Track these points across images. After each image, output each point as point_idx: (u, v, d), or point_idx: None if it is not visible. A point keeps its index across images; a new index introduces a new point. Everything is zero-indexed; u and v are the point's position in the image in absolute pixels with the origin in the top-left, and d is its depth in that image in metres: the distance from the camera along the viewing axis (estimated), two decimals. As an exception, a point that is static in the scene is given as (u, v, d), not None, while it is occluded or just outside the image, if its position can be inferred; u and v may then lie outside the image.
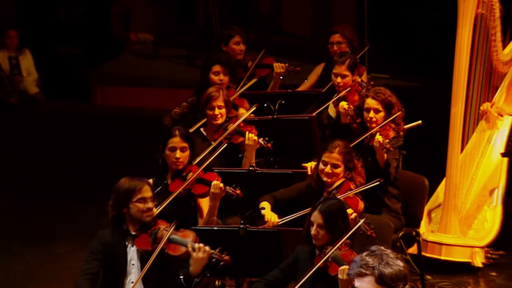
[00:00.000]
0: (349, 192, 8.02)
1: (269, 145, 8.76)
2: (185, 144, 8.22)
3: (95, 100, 15.57)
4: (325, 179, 8.16)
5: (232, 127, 8.90)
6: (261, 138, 8.74)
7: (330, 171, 8.12)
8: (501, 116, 10.13)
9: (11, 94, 15.39)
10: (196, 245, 7.08)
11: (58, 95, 15.64)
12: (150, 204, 7.19)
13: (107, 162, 7.33)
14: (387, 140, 8.72)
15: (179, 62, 15.35)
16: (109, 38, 16.59)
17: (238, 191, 8.05)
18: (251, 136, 8.79)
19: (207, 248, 7.08)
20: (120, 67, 16.01)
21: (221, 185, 7.95)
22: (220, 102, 9.08)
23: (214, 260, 7.10)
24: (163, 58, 15.76)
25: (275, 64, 10.58)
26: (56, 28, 16.52)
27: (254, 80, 9.25)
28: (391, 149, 8.76)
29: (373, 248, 5.73)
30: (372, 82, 10.17)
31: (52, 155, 13.27)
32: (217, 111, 9.05)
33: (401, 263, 5.63)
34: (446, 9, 10.24)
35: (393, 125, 8.99)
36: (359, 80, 10.03)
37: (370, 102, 9.06)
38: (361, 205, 8.01)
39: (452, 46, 9.90)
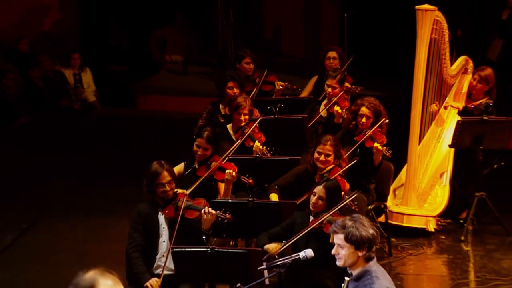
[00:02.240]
0: (336, 174, 8.07)
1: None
2: (208, 146, 8.23)
3: (138, 106, 15.53)
4: (319, 165, 8.21)
5: (248, 131, 8.83)
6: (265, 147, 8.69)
7: (324, 159, 8.19)
8: (446, 108, 10.06)
9: (75, 102, 15.35)
10: (206, 209, 7.15)
11: (110, 102, 15.63)
12: (167, 187, 7.24)
13: (147, 152, 7.31)
14: (385, 148, 8.78)
15: (203, 77, 15.34)
16: (149, 59, 16.52)
17: (250, 180, 8.14)
18: (257, 145, 8.75)
19: (213, 211, 7.16)
20: (158, 81, 15.96)
21: (234, 173, 8.01)
22: (246, 110, 9.06)
23: (220, 219, 7.18)
24: (191, 74, 15.72)
25: (276, 83, 10.54)
26: (108, 51, 16.45)
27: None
28: (389, 156, 8.82)
29: (354, 215, 5.73)
30: (358, 89, 10.31)
31: (105, 148, 13.20)
32: (242, 117, 9.01)
33: (370, 231, 5.62)
34: (408, 35, 10.10)
35: (379, 129, 9.00)
36: (349, 86, 10.14)
37: (365, 110, 9.06)
38: (347, 186, 8.07)
39: (412, 63, 9.83)
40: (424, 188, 10.05)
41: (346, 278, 5.70)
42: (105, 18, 16.62)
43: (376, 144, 8.77)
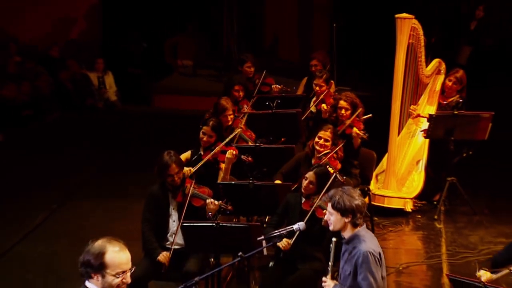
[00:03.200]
0: (331, 153, 8.18)
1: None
2: (213, 133, 8.21)
3: (154, 104, 15.49)
4: (318, 148, 8.27)
5: (237, 130, 8.76)
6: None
7: (323, 143, 8.26)
8: (422, 117, 10.04)
9: (98, 101, 15.35)
10: (211, 200, 7.12)
11: (129, 101, 15.59)
12: (175, 177, 7.16)
13: (161, 144, 7.35)
14: (362, 132, 8.82)
15: (210, 79, 15.34)
16: (163, 63, 16.54)
17: (250, 158, 8.19)
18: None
19: (216, 202, 7.12)
20: (171, 82, 15.95)
21: (234, 152, 8.01)
22: (230, 111, 8.98)
23: (222, 209, 7.17)
24: (199, 76, 15.72)
25: (273, 86, 10.54)
26: (128, 56, 16.44)
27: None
28: (366, 138, 8.83)
29: (345, 187, 5.74)
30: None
31: (124, 140, 13.23)
32: (228, 118, 8.94)
33: (355, 201, 5.63)
34: (388, 41, 10.10)
35: (357, 118, 8.99)
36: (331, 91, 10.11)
37: (343, 103, 9.09)
38: (339, 165, 8.17)
39: (392, 66, 9.83)
40: (402, 174, 10.02)
41: (333, 239, 5.73)
42: (125, 28, 16.60)
43: (354, 129, 8.79)
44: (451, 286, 7.35)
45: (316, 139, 8.26)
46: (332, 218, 5.66)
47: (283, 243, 6.91)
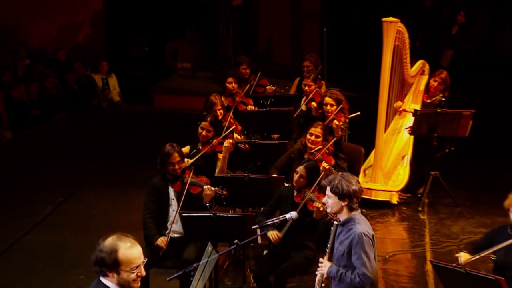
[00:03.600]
0: (323, 149, 8.18)
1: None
2: (211, 128, 8.21)
3: (155, 104, 15.41)
4: (309, 145, 8.25)
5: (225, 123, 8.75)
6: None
7: (314, 140, 8.23)
8: (407, 111, 10.04)
9: (103, 101, 15.28)
10: (208, 187, 7.13)
11: (132, 100, 15.53)
12: (176, 166, 7.18)
13: (161, 140, 7.36)
14: (341, 123, 8.83)
15: (208, 80, 15.25)
16: (163, 66, 16.49)
17: (246, 146, 8.29)
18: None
19: (212, 188, 7.14)
20: (171, 83, 15.84)
21: (231, 141, 8.08)
22: (219, 106, 8.99)
23: (218, 194, 7.16)
24: (198, 78, 15.63)
25: (267, 87, 10.57)
26: (130, 59, 16.41)
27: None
28: (344, 128, 8.90)
29: (344, 173, 5.74)
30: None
31: (127, 137, 13.21)
32: (218, 113, 8.92)
33: (352, 186, 5.63)
34: (376, 44, 10.10)
35: (341, 113, 8.98)
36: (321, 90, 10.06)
37: (327, 99, 9.11)
38: (332, 161, 8.21)
39: (378, 67, 9.81)
40: (389, 168, 10.01)
41: (335, 222, 5.73)
42: (128, 33, 16.55)
43: (334, 121, 8.80)
44: (434, 272, 7.38)
45: (308, 136, 8.23)
46: (330, 201, 5.65)
47: (274, 236, 6.90)
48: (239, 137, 8.76)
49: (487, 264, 6.38)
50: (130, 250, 4.35)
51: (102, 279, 4.38)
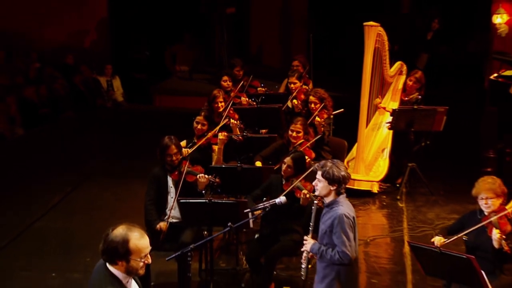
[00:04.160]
0: (305, 144, 8.11)
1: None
2: (205, 122, 8.18)
3: (155, 104, 15.39)
4: (292, 140, 8.22)
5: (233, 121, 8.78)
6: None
7: (295, 135, 8.19)
8: (387, 110, 10.01)
9: (107, 101, 15.24)
10: (202, 175, 7.12)
11: (134, 100, 15.49)
12: (174, 157, 7.15)
13: (160, 136, 7.34)
14: (322, 120, 8.79)
15: (204, 82, 15.24)
16: (163, 68, 16.44)
17: (240, 137, 8.22)
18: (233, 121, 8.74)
19: (206, 176, 7.12)
20: (170, 85, 15.83)
21: (226, 134, 8.07)
22: (220, 99, 9.00)
23: (211, 182, 7.15)
24: (195, 79, 15.64)
25: (259, 88, 10.50)
26: (133, 63, 16.36)
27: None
28: (325, 124, 8.80)
29: (334, 160, 5.71)
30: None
31: (129, 133, 13.22)
32: (219, 104, 8.93)
33: (342, 173, 5.63)
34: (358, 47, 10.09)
35: (325, 110, 8.94)
36: (308, 88, 10.03)
37: (312, 98, 9.09)
38: (313, 155, 8.13)
39: (360, 69, 9.80)
40: (370, 160, 10.01)
41: (315, 202, 5.72)
42: (130, 38, 16.50)
43: (316, 118, 8.77)
44: (411, 253, 7.39)
45: (289, 132, 8.21)
46: (320, 185, 5.63)
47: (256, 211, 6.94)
48: (236, 122, 8.71)
49: (459, 246, 6.36)
50: (141, 241, 4.28)
51: (110, 267, 4.30)
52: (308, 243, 5.74)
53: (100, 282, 4.31)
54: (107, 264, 4.31)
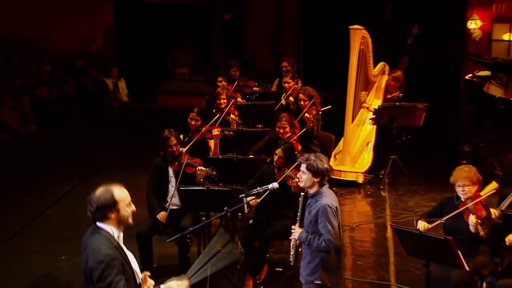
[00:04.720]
0: (292, 138, 7.99)
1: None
2: (198, 118, 8.14)
3: (158, 103, 15.36)
4: (280, 135, 8.10)
5: (226, 109, 8.74)
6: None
7: (282, 130, 8.06)
8: (369, 110, 9.96)
9: (113, 101, 15.22)
10: (200, 168, 7.08)
11: (138, 100, 15.46)
12: (174, 148, 7.11)
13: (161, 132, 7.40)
14: (311, 116, 8.70)
15: (202, 83, 15.21)
16: (165, 71, 16.39)
17: (231, 133, 8.18)
18: (232, 117, 8.70)
19: (204, 168, 7.08)
20: (171, 86, 15.80)
21: (220, 129, 8.07)
22: (223, 96, 8.91)
23: (208, 174, 7.11)
24: (194, 81, 15.63)
25: (254, 88, 10.40)
26: (136, 66, 16.28)
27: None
28: (314, 120, 8.72)
29: (318, 154, 5.65)
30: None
31: (134, 130, 13.17)
32: (222, 101, 8.85)
33: (325, 165, 5.57)
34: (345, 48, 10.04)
35: (314, 107, 8.88)
36: (297, 86, 9.95)
37: (301, 96, 8.99)
38: (299, 147, 7.97)
39: (346, 69, 9.75)
40: (355, 153, 9.96)
41: (302, 193, 5.66)
42: (134, 43, 16.43)
43: (306, 115, 8.68)
44: (393, 236, 7.35)
45: (277, 128, 8.12)
46: (304, 177, 5.57)
47: (253, 202, 6.85)
48: (235, 118, 8.66)
49: (438, 231, 6.32)
50: (121, 190, 4.49)
51: (100, 224, 4.39)
52: (296, 231, 5.69)
53: (93, 241, 4.38)
54: (98, 223, 4.39)
